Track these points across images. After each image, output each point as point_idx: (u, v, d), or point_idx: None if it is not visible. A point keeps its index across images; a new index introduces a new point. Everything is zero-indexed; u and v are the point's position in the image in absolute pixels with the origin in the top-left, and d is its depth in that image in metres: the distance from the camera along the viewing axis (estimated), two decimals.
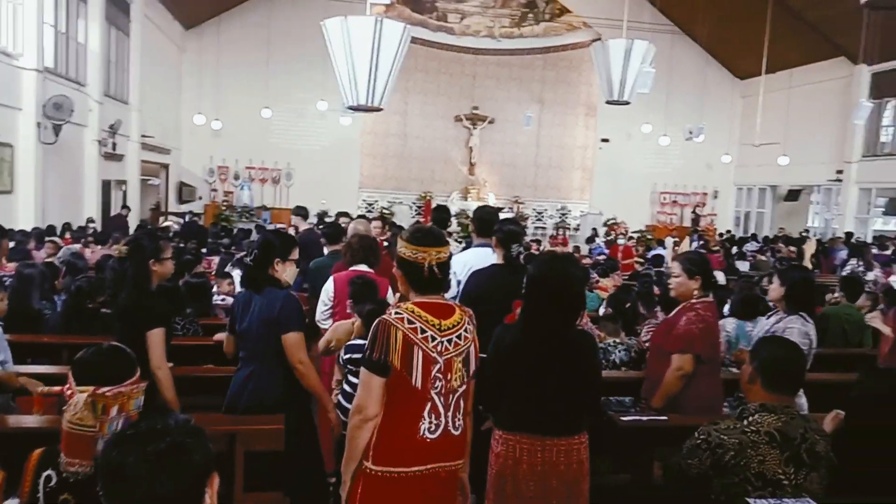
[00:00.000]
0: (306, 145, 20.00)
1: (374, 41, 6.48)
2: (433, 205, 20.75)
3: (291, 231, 9.60)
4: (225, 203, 19.55)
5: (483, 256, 4.25)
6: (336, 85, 6.82)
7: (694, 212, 22.28)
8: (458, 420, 2.45)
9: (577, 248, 15.49)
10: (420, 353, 2.33)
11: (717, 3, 17.89)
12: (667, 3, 19.32)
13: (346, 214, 13.25)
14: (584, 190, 22.44)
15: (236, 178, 19.94)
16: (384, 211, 19.84)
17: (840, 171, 18.54)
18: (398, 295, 3.28)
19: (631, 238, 16.86)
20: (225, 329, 3.64)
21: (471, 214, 16.19)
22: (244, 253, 4.67)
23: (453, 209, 20.37)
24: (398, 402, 2.35)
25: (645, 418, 3.46)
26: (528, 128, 20.62)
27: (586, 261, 11.75)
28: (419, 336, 2.34)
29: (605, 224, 19.76)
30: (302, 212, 9.60)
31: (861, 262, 11.91)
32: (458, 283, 4.06)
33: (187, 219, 15.41)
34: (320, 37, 6.57)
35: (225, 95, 18.94)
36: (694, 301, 3.59)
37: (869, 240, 16.68)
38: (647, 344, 4.44)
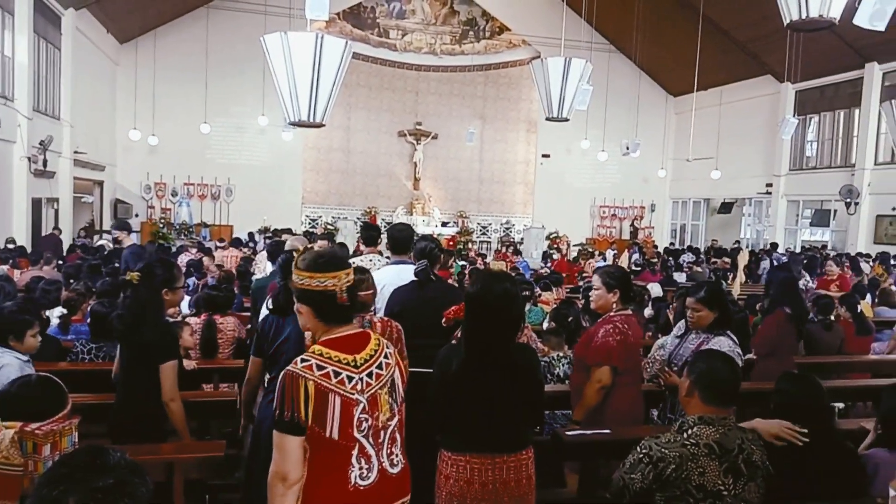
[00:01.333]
0: (247, 161, 19.68)
1: (315, 57, 6.46)
2: (378, 220, 20.80)
3: (112, 245, 9.31)
4: (163, 220, 19.03)
5: (397, 273, 4.26)
6: (277, 100, 6.77)
7: (632, 225, 22.86)
8: (396, 456, 2.26)
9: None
10: (337, 399, 2.09)
11: (651, 22, 18.48)
12: (602, 22, 19.85)
13: (288, 231, 13.12)
14: (526, 204, 22.77)
15: (174, 194, 19.44)
16: (328, 226, 19.68)
17: (769, 185, 19.36)
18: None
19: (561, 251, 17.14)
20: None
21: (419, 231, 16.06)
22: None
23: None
24: (321, 456, 2.10)
25: (589, 432, 3.51)
26: (471, 143, 20.87)
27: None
28: (334, 381, 2.10)
29: (547, 237, 20.06)
30: (125, 225, 9.20)
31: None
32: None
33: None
34: (260, 51, 6.51)
35: (162, 110, 18.48)
36: (612, 314, 3.69)
37: (798, 250, 17.41)
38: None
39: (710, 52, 17.78)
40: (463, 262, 13.36)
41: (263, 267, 7.83)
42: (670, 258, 15.24)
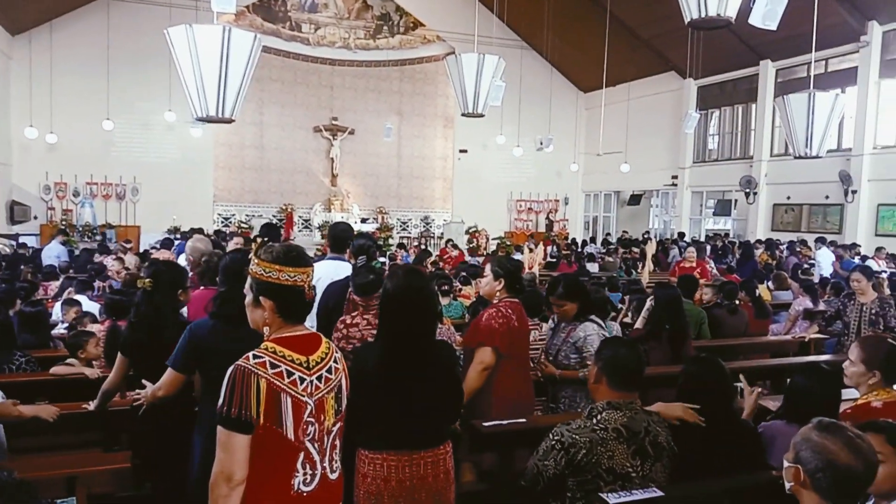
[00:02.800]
0: (154, 158, 18.86)
1: (223, 50, 6.26)
2: (295, 218, 20.44)
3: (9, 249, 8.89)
4: (64, 222, 18.00)
5: (335, 268, 4.39)
6: (184, 95, 6.53)
7: (548, 218, 23.39)
8: (336, 462, 2.21)
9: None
10: (289, 400, 2.02)
11: (561, 19, 18.91)
12: (514, 19, 20.17)
13: (199, 231, 12.69)
14: (445, 199, 22.90)
15: (76, 195, 18.43)
16: (242, 225, 19.16)
17: (675, 177, 20.24)
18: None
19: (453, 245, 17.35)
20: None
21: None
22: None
23: (316, 221, 20.11)
24: (266, 459, 2.02)
25: (506, 422, 3.57)
26: (389, 139, 20.79)
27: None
28: (286, 381, 2.02)
29: (466, 232, 20.25)
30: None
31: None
32: None
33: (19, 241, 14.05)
34: (165, 44, 6.25)
35: (60, 107, 17.46)
36: (497, 301, 3.80)
37: (702, 238, 18.27)
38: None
39: (618, 48, 18.38)
40: (382, 259, 13.31)
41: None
42: (580, 249, 15.70)
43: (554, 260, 14.72)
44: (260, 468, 2.00)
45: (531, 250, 13.76)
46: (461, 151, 22.39)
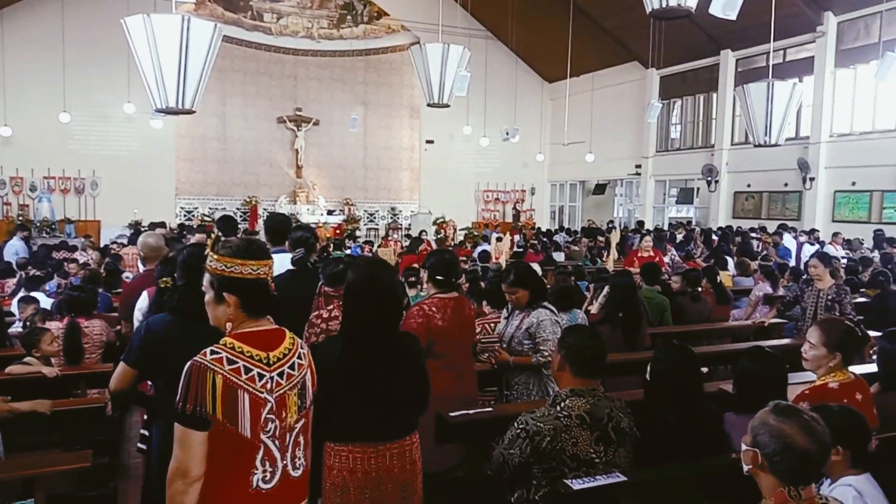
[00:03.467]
0: (113, 151, 18.44)
1: (182, 40, 6.13)
2: (259, 210, 20.19)
3: None
4: (21, 217, 17.51)
5: (278, 261, 4.28)
6: (143, 86, 6.38)
7: (515, 208, 23.51)
8: (299, 459, 2.17)
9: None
10: (246, 397, 1.99)
11: (525, 9, 18.94)
12: (478, 9, 20.14)
13: (161, 224, 12.47)
14: (413, 190, 22.84)
15: (33, 189, 17.94)
16: (205, 218, 18.87)
17: (639, 166, 20.47)
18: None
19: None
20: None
21: (300, 219, 15.74)
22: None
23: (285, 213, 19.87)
24: (223, 455, 1.99)
25: (472, 412, 3.59)
26: (354, 130, 20.64)
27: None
28: (243, 377, 1.99)
29: (434, 223, 20.24)
30: None
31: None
32: None
33: None
34: (123, 34, 6.10)
35: (14, 99, 16.94)
36: (425, 297, 3.84)
37: (665, 226, 18.54)
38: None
39: (582, 39, 18.49)
40: (348, 251, 13.24)
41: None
42: (546, 239, 15.81)
43: (521, 250, 14.79)
44: (218, 465, 1.98)
45: (499, 240, 13.83)
46: (428, 142, 22.34)
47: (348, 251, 12.88)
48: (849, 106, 15.17)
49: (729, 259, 10.73)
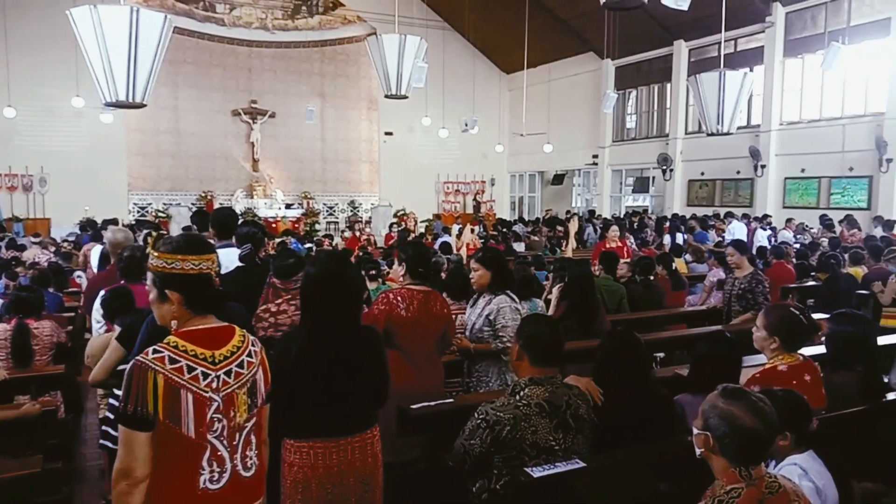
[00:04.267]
0: (62, 147, 17.89)
1: (131, 32, 5.98)
2: (216, 205, 19.83)
3: None
4: None
5: (225, 256, 4.18)
6: (91, 79, 6.21)
7: (475, 199, 23.57)
8: (251, 458, 2.12)
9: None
10: (189, 396, 1.95)
11: (481, 0, 18.95)
12: (435, 0, 20.10)
13: (114, 221, 12.15)
14: (372, 183, 22.71)
15: None
16: (159, 214, 18.48)
17: (595, 156, 20.73)
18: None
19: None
20: None
21: (257, 214, 15.54)
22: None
23: (238, 208, 19.58)
24: (169, 456, 1.96)
25: (433, 404, 3.59)
26: (311, 122, 20.41)
27: None
28: (186, 377, 1.95)
29: (395, 215, 20.17)
30: None
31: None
32: None
33: None
34: (69, 26, 5.92)
35: None
36: (396, 287, 3.88)
37: (622, 215, 18.80)
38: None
39: (538, 29, 18.59)
40: (309, 245, 13.12)
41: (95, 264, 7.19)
42: (505, 230, 15.90)
43: (482, 241, 14.84)
44: (163, 466, 1.95)
45: (463, 232, 13.88)
46: (386, 134, 22.23)
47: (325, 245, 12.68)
48: (797, 95, 15.58)
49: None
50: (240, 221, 4.86)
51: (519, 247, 12.80)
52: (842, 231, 12.15)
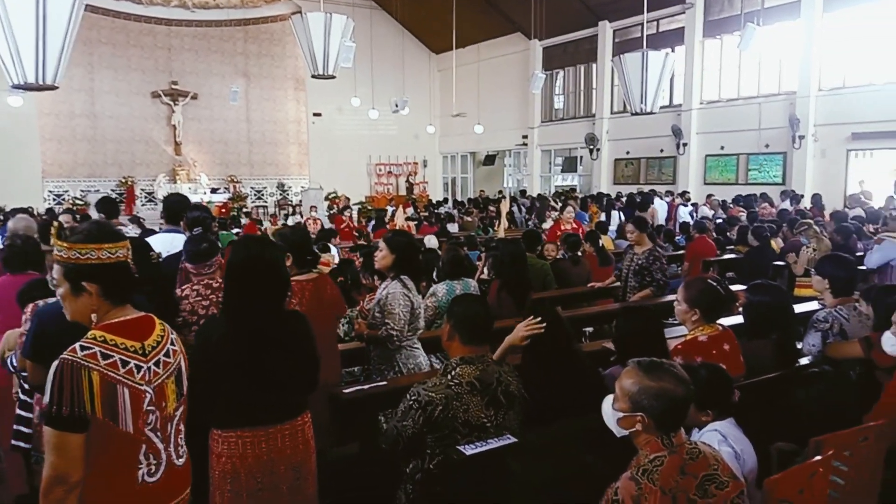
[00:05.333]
0: None
1: (38, 11, 5.69)
2: (137, 191, 19.11)
3: None
4: None
5: (171, 241, 4.35)
6: None
7: (408, 181, 23.48)
8: (182, 447, 2.11)
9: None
10: (126, 391, 1.89)
11: None
12: None
13: (25, 210, 11.50)
14: (302, 165, 22.31)
15: None
16: (77, 201, 17.65)
17: (525, 136, 20.95)
18: None
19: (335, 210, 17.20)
20: None
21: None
22: None
23: (161, 193, 18.91)
24: (107, 454, 1.90)
25: (367, 387, 3.58)
26: (235, 103, 19.82)
27: None
28: (121, 371, 1.89)
29: (326, 198, 19.88)
30: None
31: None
32: None
33: None
34: None
35: None
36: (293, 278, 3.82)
37: (551, 194, 19.11)
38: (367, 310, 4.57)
39: (466, 10, 18.55)
40: (237, 230, 12.80)
41: None
42: (437, 210, 15.97)
43: (415, 222, 14.84)
44: (101, 465, 1.89)
45: (396, 214, 13.85)
46: (315, 115, 21.83)
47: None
48: (716, 74, 16.12)
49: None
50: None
51: (452, 228, 12.86)
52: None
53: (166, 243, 4.31)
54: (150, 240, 4.25)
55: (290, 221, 14.68)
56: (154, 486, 1.98)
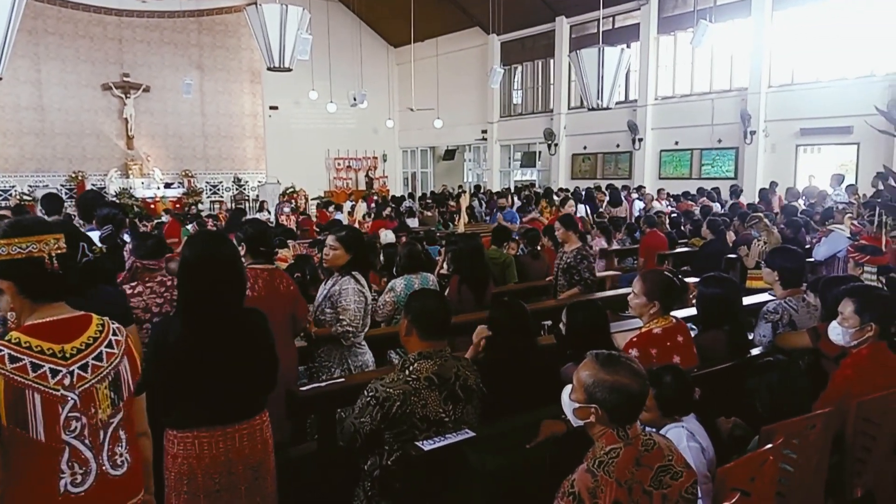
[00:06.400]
0: None
1: None
2: (87, 185, 18.56)
3: None
4: None
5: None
6: None
7: (367, 175, 23.33)
8: (121, 456, 1.99)
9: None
10: (37, 396, 1.80)
11: None
12: None
13: None
14: (259, 159, 21.96)
15: None
16: (24, 197, 17.07)
17: (484, 131, 21.02)
18: None
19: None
20: None
21: (133, 194, 14.74)
22: None
23: (113, 189, 18.44)
24: (21, 462, 1.82)
25: (325, 384, 3.53)
26: (189, 96, 19.37)
27: None
28: (31, 376, 1.79)
29: (283, 193, 19.61)
30: None
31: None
32: None
33: None
34: None
35: None
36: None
37: (511, 189, 19.21)
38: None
39: (424, 3, 18.47)
40: (189, 225, 12.54)
41: None
42: (396, 206, 15.88)
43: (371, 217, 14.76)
44: (16, 471, 1.81)
45: (356, 209, 13.74)
46: (271, 108, 21.52)
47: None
48: (671, 70, 16.40)
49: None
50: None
51: (413, 222, 12.81)
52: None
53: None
54: None
55: (262, 217, 14.44)
56: (81, 497, 1.88)
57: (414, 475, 2.55)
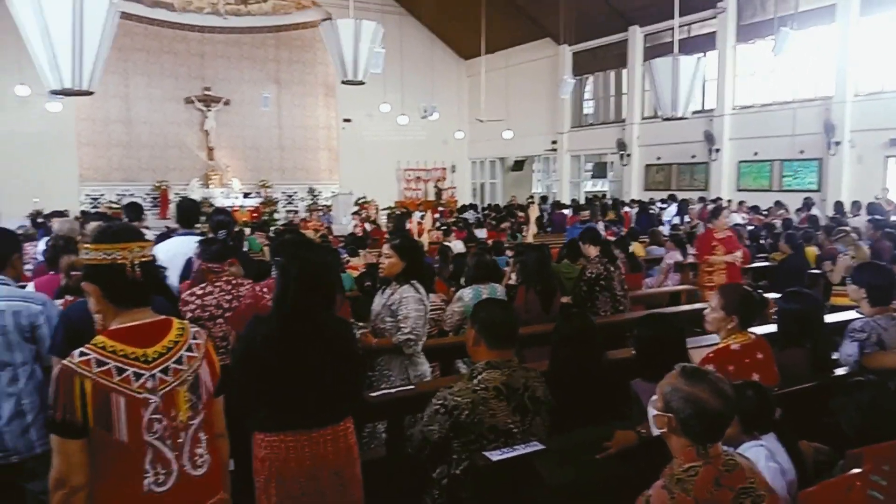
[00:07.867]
0: (7, 136, 17.23)
1: (75, 17, 5.78)
2: (171, 195, 19.41)
3: None
4: None
5: (186, 243, 4.48)
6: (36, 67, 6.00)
7: (436, 186, 23.50)
8: (201, 457, 2.03)
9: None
10: (121, 400, 1.86)
11: None
12: None
13: (61, 213, 11.78)
14: (332, 170, 22.47)
15: None
16: (113, 205, 17.97)
17: (554, 142, 20.85)
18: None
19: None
20: None
21: (214, 203, 15.31)
22: None
23: (194, 198, 19.16)
24: (107, 462, 1.88)
25: (394, 391, 3.56)
26: (267, 109, 20.04)
27: None
28: (116, 379, 1.85)
29: (355, 203, 19.95)
30: None
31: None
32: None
33: None
34: (7, 10, 5.69)
35: None
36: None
37: (582, 200, 18.95)
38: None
39: (495, 15, 18.54)
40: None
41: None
42: (463, 216, 15.93)
43: (444, 228, 14.83)
44: (103, 472, 1.88)
45: (425, 218, 13.83)
46: (345, 120, 22.00)
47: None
48: (750, 79, 15.88)
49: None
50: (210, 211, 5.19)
51: (481, 233, 12.82)
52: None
53: (182, 248, 4.51)
54: (165, 243, 4.58)
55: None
56: (164, 495, 1.93)
57: (482, 485, 2.53)
